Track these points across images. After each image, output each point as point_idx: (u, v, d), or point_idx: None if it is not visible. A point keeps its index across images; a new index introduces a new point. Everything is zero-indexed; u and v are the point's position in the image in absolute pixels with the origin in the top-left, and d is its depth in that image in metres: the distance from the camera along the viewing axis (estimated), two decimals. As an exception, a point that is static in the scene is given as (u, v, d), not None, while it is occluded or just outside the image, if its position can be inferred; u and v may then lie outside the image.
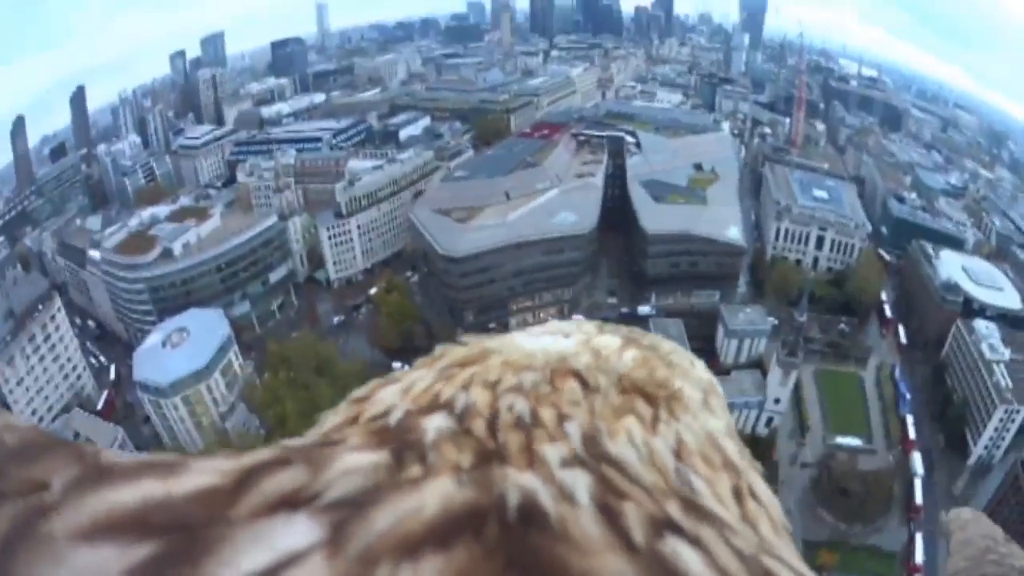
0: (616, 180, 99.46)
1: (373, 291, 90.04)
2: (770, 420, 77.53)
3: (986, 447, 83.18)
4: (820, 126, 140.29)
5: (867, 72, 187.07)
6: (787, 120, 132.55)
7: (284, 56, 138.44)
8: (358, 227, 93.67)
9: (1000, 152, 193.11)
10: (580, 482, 0.66)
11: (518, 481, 0.64)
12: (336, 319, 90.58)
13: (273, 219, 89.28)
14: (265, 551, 0.53)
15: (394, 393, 0.93)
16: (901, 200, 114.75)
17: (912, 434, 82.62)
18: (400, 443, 0.71)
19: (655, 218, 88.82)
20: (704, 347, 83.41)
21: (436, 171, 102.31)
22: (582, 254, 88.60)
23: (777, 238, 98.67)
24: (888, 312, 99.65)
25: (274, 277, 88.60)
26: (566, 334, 1.14)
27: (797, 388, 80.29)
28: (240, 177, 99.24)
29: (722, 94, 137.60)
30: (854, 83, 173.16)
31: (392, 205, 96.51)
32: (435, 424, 0.78)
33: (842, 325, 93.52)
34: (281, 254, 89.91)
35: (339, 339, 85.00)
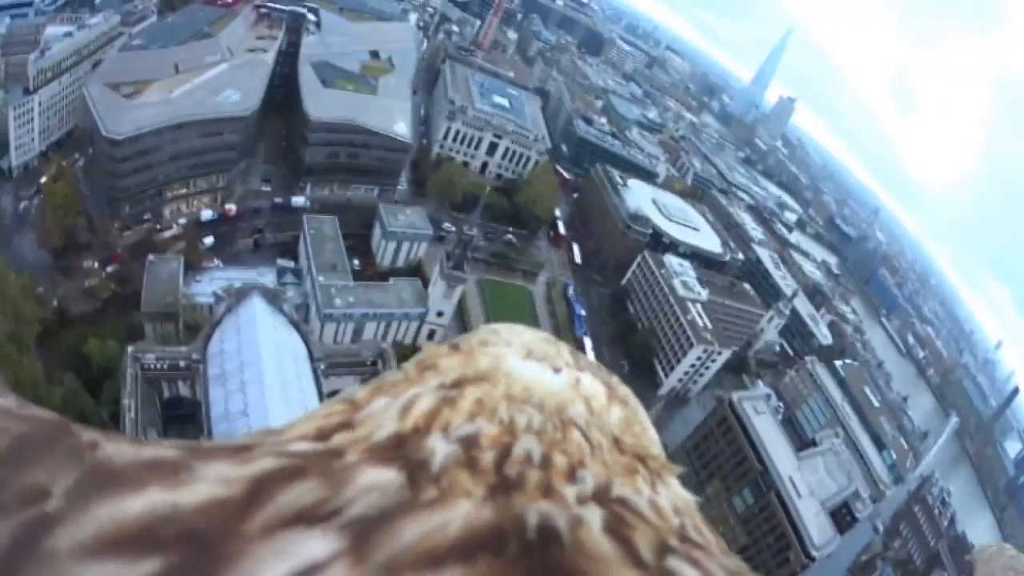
0: (289, 59, 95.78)
1: (44, 180, 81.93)
2: (432, 333, 77.01)
3: (680, 380, 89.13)
4: (512, 34, 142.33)
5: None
6: (478, 22, 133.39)
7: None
8: (40, 103, 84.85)
9: (710, 101, 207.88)
10: (594, 514, 0.73)
11: (536, 507, 0.70)
12: (23, 203, 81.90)
13: (-30, 102, 78.63)
14: (284, 563, 0.54)
15: (392, 410, 0.92)
16: (588, 121, 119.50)
17: (591, 356, 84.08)
18: (409, 463, 0.73)
19: (320, 103, 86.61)
20: (359, 246, 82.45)
21: (120, 38, 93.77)
22: (240, 137, 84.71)
23: (446, 138, 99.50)
24: (562, 229, 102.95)
25: (-33, 172, 78.03)
26: (554, 366, 1.14)
27: (460, 297, 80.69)
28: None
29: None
30: (559, 2, 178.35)
31: (73, 77, 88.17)
32: (440, 447, 0.80)
33: (509, 236, 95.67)
34: (-26, 143, 79.46)
35: (14, 238, 77.13)
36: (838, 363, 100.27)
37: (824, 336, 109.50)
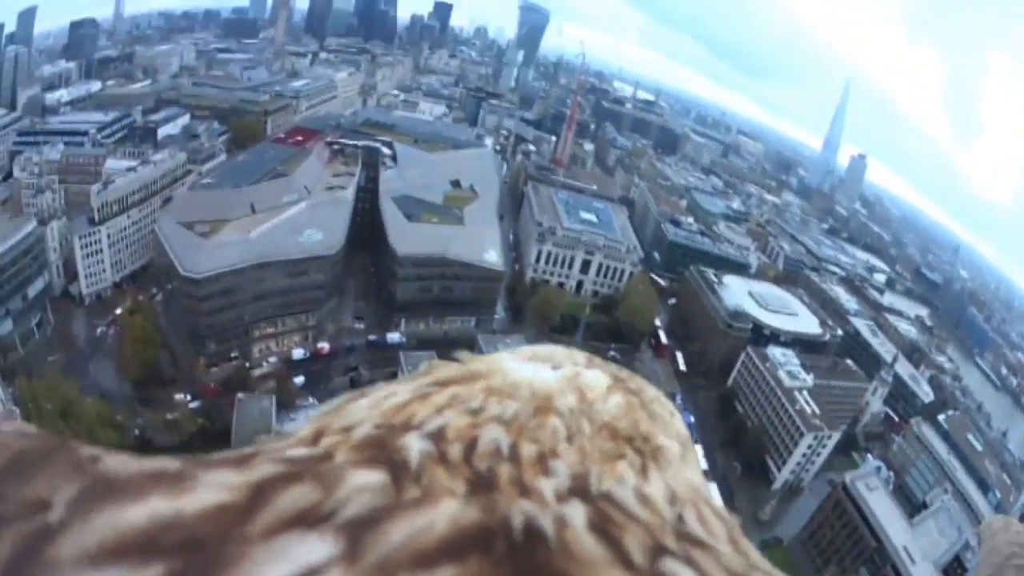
0: (368, 194, 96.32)
1: (119, 311, 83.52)
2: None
3: (793, 472, 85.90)
4: (588, 146, 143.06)
5: (643, 95, 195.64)
6: (553, 139, 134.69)
7: (78, 38, 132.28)
8: (108, 236, 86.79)
9: (788, 178, 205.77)
10: (577, 511, 0.71)
11: (519, 506, 0.69)
12: (99, 330, 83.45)
13: (32, 224, 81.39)
14: (283, 566, 0.55)
15: (363, 407, 0.94)
16: (676, 224, 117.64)
17: (703, 464, 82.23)
18: (391, 462, 0.74)
19: (406, 238, 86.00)
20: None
21: (189, 176, 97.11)
22: (327, 276, 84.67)
23: (538, 261, 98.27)
24: (663, 338, 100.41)
25: (32, 291, 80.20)
26: (555, 365, 1.14)
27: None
28: (15, 172, 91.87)
29: (487, 109, 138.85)
30: (629, 106, 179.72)
31: (142, 212, 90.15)
32: (415, 444, 0.80)
33: (612, 352, 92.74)
34: (39, 265, 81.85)
35: (89, 365, 78.17)
36: (940, 417, 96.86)
37: (926, 394, 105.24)
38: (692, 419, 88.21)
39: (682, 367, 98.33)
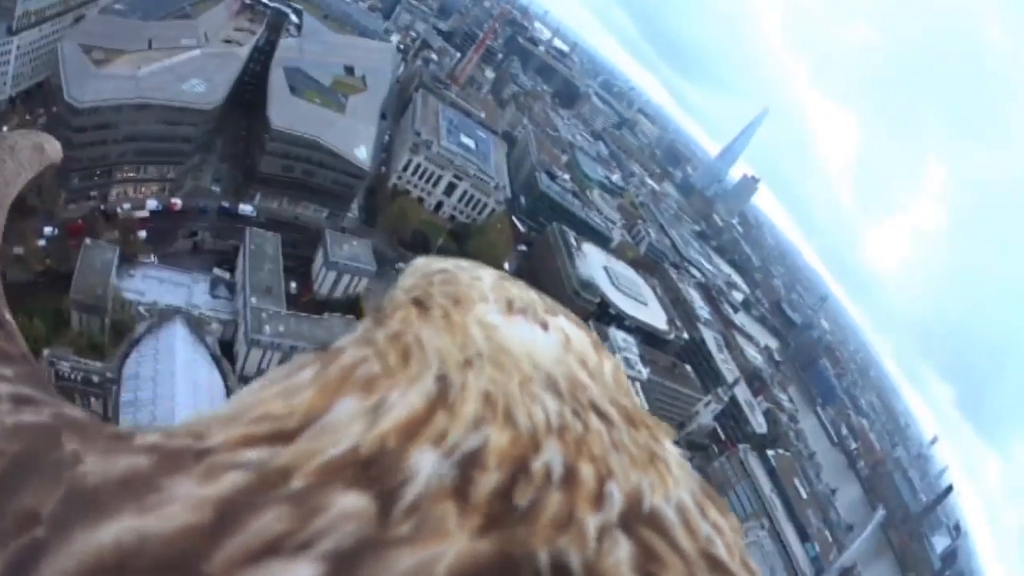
0: (263, 57, 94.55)
1: (6, 129, 79.36)
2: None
3: None
4: (490, 74, 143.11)
5: (559, 44, 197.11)
6: (458, 55, 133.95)
7: None
8: (18, 47, 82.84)
9: (674, 171, 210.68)
10: (619, 549, 0.61)
11: (549, 543, 0.59)
12: None
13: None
14: None
15: (358, 414, 0.71)
16: (552, 176, 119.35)
17: None
18: (382, 488, 0.60)
19: (284, 112, 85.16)
20: (300, 267, 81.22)
21: None
22: (198, 131, 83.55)
23: (405, 170, 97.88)
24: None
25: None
26: (540, 320, 0.96)
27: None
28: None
29: (404, 6, 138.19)
30: (542, 48, 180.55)
31: (54, 27, 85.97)
32: (425, 468, 0.64)
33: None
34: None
35: None
36: (770, 452, 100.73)
37: (759, 424, 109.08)
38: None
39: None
